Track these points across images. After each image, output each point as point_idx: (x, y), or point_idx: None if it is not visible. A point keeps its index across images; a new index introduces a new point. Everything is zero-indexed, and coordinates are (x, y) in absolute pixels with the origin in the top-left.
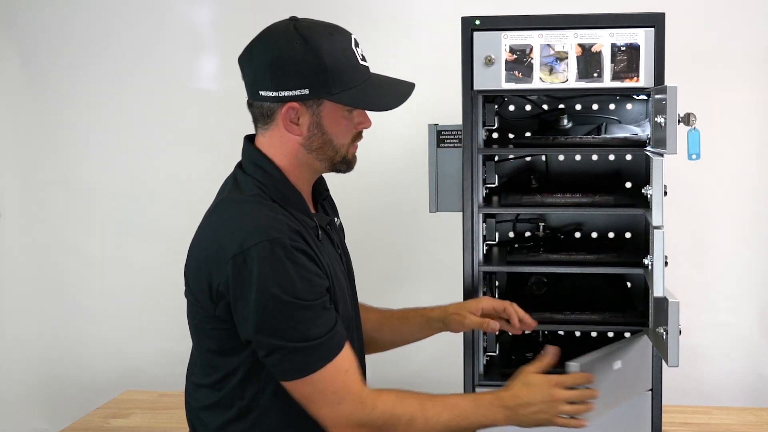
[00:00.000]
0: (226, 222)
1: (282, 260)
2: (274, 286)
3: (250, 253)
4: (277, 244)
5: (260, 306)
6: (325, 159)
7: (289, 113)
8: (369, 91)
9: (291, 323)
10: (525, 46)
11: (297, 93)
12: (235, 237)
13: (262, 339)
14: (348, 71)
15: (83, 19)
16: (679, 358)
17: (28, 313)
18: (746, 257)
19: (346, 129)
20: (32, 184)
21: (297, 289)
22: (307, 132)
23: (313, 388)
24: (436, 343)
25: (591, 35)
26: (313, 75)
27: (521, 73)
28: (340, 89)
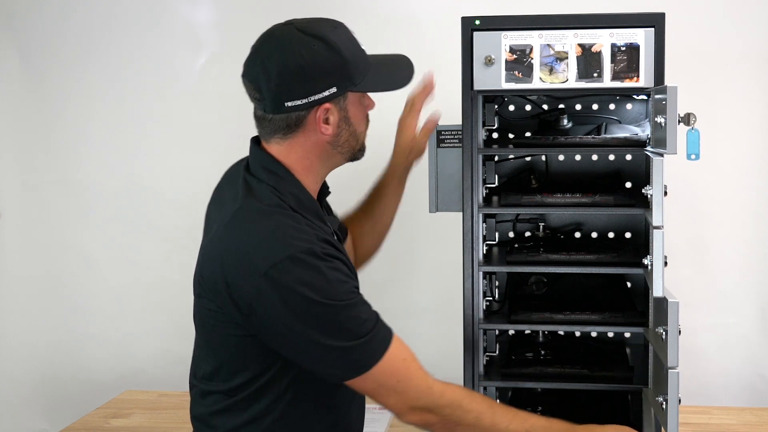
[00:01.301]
0: (254, 234)
1: (316, 267)
2: (314, 294)
3: (284, 267)
4: (308, 254)
5: (305, 317)
6: (349, 150)
7: (322, 115)
8: (382, 73)
9: (339, 325)
10: (525, 46)
11: (327, 93)
12: (266, 251)
13: (314, 347)
14: (360, 58)
15: (83, 19)
16: (678, 359)
17: (28, 313)
18: (746, 257)
19: (363, 116)
20: (32, 184)
21: (337, 291)
22: (337, 129)
23: (376, 382)
24: (436, 343)
25: (591, 35)
26: (338, 71)
27: (521, 73)
28: (360, 79)
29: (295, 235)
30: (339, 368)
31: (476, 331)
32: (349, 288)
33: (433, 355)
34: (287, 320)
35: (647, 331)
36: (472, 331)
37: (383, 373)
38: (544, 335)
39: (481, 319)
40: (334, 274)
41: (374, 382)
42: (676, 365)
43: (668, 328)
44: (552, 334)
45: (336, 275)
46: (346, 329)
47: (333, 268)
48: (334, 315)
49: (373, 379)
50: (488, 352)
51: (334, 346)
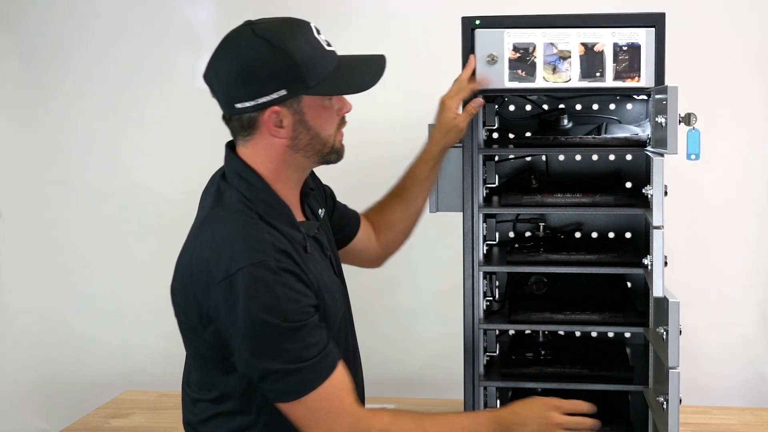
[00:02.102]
0: (212, 243)
1: (268, 283)
2: (262, 310)
3: (237, 278)
4: (262, 267)
5: (250, 331)
6: (314, 154)
7: (271, 118)
8: (344, 75)
9: (283, 346)
10: (528, 45)
11: (275, 96)
12: (222, 261)
13: (256, 363)
14: (318, 61)
15: (83, 20)
16: (679, 359)
17: (28, 313)
18: (746, 257)
19: (329, 119)
20: (32, 184)
21: (286, 311)
22: (293, 132)
23: (308, 408)
24: (436, 343)
25: (593, 34)
26: (286, 74)
27: (524, 72)
28: (315, 81)
29: (252, 246)
30: (276, 388)
31: (476, 331)
32: (300, 308)
33: (434, 355)
34: (234, 333)
35: (647, 331)
36: (472, 331)
37: (317, 401)
38: (544, 335)
39: (481, 319)
40: (284, 291)
41: (306, 410)
42: (676, 365)
43: (669, 328)
44: (552, 334)
45: (287, 292)
46: (288, 351)
47: (285, 285)
48: (278, 335)
49: (306, 406)
50: (488, 352)
51: (273, 367)
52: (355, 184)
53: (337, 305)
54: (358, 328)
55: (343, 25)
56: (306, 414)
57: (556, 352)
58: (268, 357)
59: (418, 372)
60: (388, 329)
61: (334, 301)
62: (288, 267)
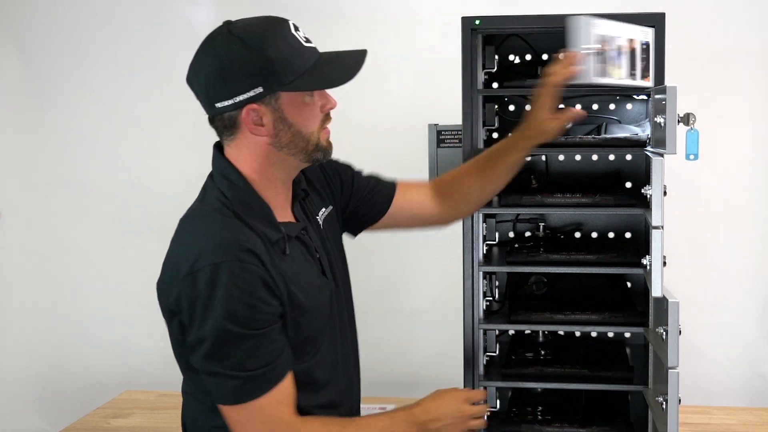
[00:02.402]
0: (183, 240)
1: (226, 286)
2: (217, 310)
3: (198, 276)
4: (223, 269)
5: (202, 330)
6: (299, 152)
7: (250, 116)
8: (321, 71)
9: (228, 350)
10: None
11: (252, 94)
12: (188, 258)
13: (202, 361)
14: (294, 57)
15: (83, 20)
16: (678, 359)
17: (28, 313)
18: (746, 257)
19: (311, 115)
20: (32, 184)
21: (239, 317)
22: (273, 129)
23: (244, 415)
24: (436, 343)
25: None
26: (261, 71)
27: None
28: (292, 77)
29: (219, 244)
30: (216, 390)
31: (476, 331)
32: (254, 315)
33: (433, 356)
34: (189, 327)
35: (647, 331)
36: (472, 331)
37: (253, 410)
38: (544, 335)
39: (481, 319)
40: (242, 294)
41: (241, 416)
42: (676, 365)
43: (668, 328)
44: (552, 334)
45: (245, 297)
46: (231, 357)
47: (244, 288)
48: (226, 338)
49: (242, 412)
50: (488, 352)
51: (215, 368)
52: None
53: (321, 307)
54: (359, 328)
55: (344, 26)
56: (241, 420)
57: (556, 352)
58: (213, 358)
59: (418, 372)
60: (388, 329)
61: (315, 303)
62: (252, 268)
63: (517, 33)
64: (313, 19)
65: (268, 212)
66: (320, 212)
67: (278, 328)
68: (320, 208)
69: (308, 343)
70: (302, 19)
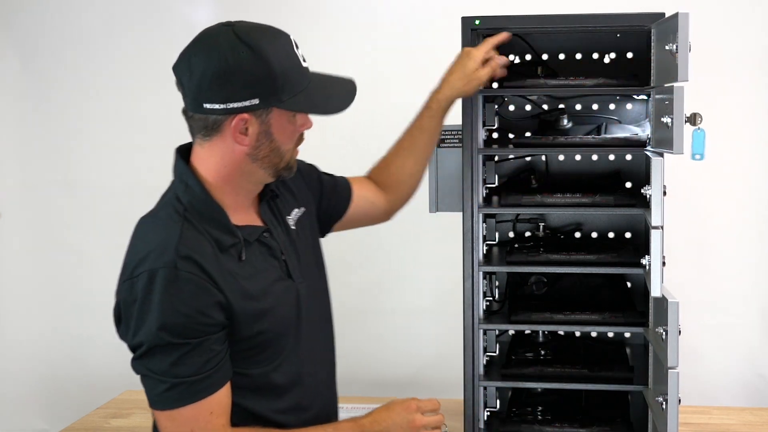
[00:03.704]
0: (132, 244)
1: (161, 294)
2: (151, 319)
3: (136, 282)
4: (159, 276)
5: (137, 336)
6: (270, 167)
7: (238, 125)
8: (317, 94)
9: (161, 356)
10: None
11: (247, 104)
12: (130, 263)
13: (135, 364)
14: (294, 75)
15: (83, 20)
16: (678, 359)
17: (28, 313)
18: (746, 257)
19: (291, 134)
20: (32, 184)
21: (172, 325)
22: (256, 142)
23: (172, 421)
24: (436, 344)
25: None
26: (262, 84)
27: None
28: (289, 95)
29: (160, 250)
30: (147, 392)
31: (476, 331)
32: (187, 324)
33: (433, 355)
34: (125, 329)
35: (647, 331)
36: (472, 331)
37: (181, 417)
38: (544, 335)
39: (481, 319)
40: (178, 304)
41: (169, 422)
42: (676, 365)
43: (668, 328)
44: (552, 334)
45: (180, 306)
46: (159, 362)
47: (179, 298)
48: (157, 344)
49: (170, 418)
50: (488, 352)
51: (143, 371)
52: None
53: (283, 310)
54: (359, 328)
55: (344, 26)
56: (168, 426)
57: (556, 352)
58: (145, 362)
59: (418, 372)
60: (388, 329)
61: (275, 307)
62: (189, 277)
63: (517, 33)
64: (313, 19)
65: (224, 218)
66: (292, 213)
67: (217, 338)
68: (292, 209)
69: (267, 348)
70: (302, 19)
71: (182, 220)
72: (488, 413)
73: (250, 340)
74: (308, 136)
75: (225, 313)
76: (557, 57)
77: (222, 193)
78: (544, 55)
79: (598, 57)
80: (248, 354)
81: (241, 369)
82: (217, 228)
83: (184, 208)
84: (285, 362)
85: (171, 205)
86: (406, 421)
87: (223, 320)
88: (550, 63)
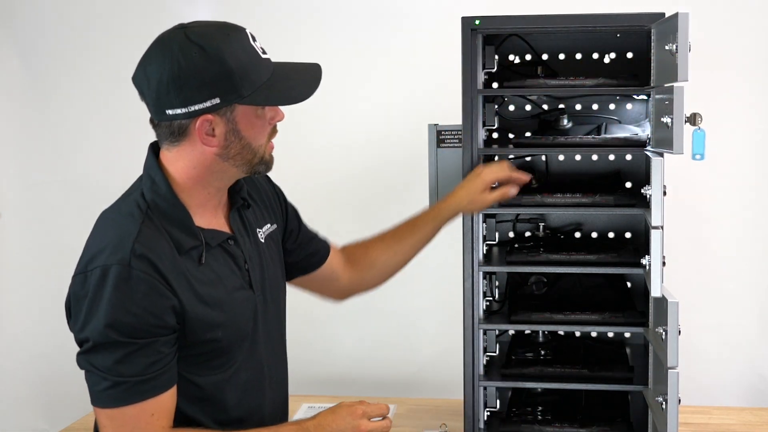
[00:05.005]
0: (90, 237)
1: (111, 291)
2: (99, 315)
3: (88, 277)
4: (111, 273)
5: (84, 331)
6: (243, 163)
7: (203, 126)
8: (279, 85)
9: (104, 353)
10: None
11: (208, 104)
12: (85, 257)
13: (79, 359)
14: (253, 69)
15: (83, 19)
16: (678, 359)
17: (28, 313)
18: (746, 257)
19: (261, 128)
20: (32, 184)
21: (119, 324)
22: (224, 141)
23: (112, 422)
24: (436, 343)
25: None
26: (220, 82)
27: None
28: (250, 90)
29: (114, 246)
30: (89, 388)
31: (476, 331)
32: (135, 323)
33: (434, 355)
34: (74, 325)
35: (647, 331)
36: (472, 331)
37: (122, 417)
38: (544, 335)
39: (481, 319)
40: (126, 303)
41: (109, 421)
42: (676, 365)
43: (668, 328)
44: (552, 334)
45: (128, 305)
46: (103, 359)
47: (128, 296)
48: (101, 341)
49: (110, 417)
50: (488, 352)
51: (87, 366)
52: (355, 183)
53: (239, 319)
54: (359, 329)
55: (344, 26)
56: (107, 425)
57: (556, 352)
58: (89, 358)
59: (418, 372)
60: (388, 329)
61: (232, 315)
62: (141, 276)
63: (517, 33)
64: (313, 20)
65: (187, 219)
66: (265, 227)
67: (166, 341)
68: (265, 223)
69: (221, 356)
70: (302, 19)
71: (143, 217)
72: (488, 413)
73: (201, 346)
74: (310, 137)
75: (177, 317)
76: (557, 57)
77: (189, 194)
78: (544, 55)
79: (598, 57)
80: (198, 360)
81: (189, 375)
82: (178, 228)
83: (147, 206)
84: (236, 373)
85: (134, 200)
86: (351, 426)
87: (173, 323)
88: (550, 63)
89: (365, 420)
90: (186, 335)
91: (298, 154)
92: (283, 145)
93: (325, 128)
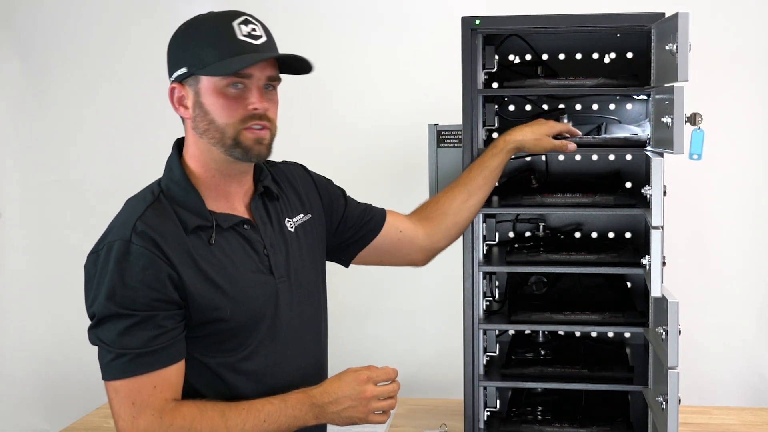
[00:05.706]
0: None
1: (113, 265)
2: (103, 289)
3: (100, 255)
4: (115, 248)
5: (92, 304)
6: (216, 143)
7: (172, 94)
8: (232, 60)
9: (108, 326)
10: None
11: (179, 73)
12: (100, 238)
13: (90, 334)
14: (221, 44)
15: (83, 19)
16: (678, 359)
17: (28, 314)
18: (746, 257)
19: (227, 106)
20: (32, 184)
21: (116, 296)
22: (193, 113)
23: (116, 395)
24: (436, 343)
25: None
26: (187, 52)
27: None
28: (211, 62)
29: (122, 223)
30: (99, 361)
31: (476, 331)
32: (133, 295)
33: (434, 355)
34: (85, 302)
35: (647, 331)
36: (472, 331)
37: (125, 389)
38: (544, 335)
39: (481, 319)
40: (126, 277)
41: (113, 392)
42: (676, 365)
43: (668, 328)
44: (552, 334)
45: (128, 279)
46: (108, 331)
47: (128, 270)
48: (106, 316)
49: (114, 389)
50: (488, 352)
51: (94, 340)
52: (355, 182)
53: (253, 302)
54: (359, 328)
55: (344, 26)
56: (113, 396)
57: (556, 352)
58: (95, 330)
59: (418, 372)
60: (388, 329)
61: (244, 296)
62: (140, 251)
63: (517, 33)
64: (314, 20)
65: (198, 202)
66: (296, 217)
67: (168, 315)
68: (297, 214)
69: (231, 338)
70: (302, 19)
71: (153, 200)
72: (488, 413)
73: (208, 326)
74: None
75: (179, 292)
76: (557, 57)
77: (203, 181)
78: (544, 55)
79: (598, 57)
80: (208, 341)
81: (201, 356)
82: (188, 210)
83: (161, 190)
84: (249, 357)
85: (151, 187)
86: (356, 392)
87: (175, 298)
88: (550, 63)
89: (371, 385)
90: (191, 314)
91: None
92: (283, 144)
93: (325, 128)
